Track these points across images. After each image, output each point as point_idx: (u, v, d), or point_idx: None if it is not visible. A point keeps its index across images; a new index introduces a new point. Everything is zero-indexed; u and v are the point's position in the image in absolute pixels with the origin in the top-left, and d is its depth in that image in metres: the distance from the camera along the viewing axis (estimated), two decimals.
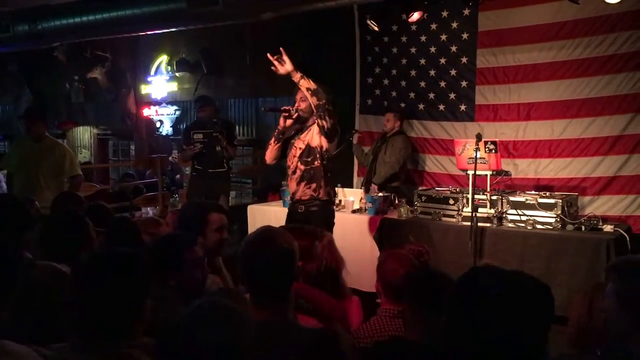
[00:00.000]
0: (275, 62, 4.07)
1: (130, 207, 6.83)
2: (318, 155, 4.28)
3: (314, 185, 4.30)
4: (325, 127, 4.16)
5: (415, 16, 6.41)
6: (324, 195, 4.31)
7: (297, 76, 4.08)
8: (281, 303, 1.93)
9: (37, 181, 5.26)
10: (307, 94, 4.11)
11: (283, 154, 4.47)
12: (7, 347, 1.33)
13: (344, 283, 2.96)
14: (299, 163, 4.34)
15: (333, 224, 4.44)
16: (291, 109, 4.32)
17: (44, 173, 5.31)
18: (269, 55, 4.11)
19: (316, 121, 4.22)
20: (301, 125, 4.42)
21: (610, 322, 1.83)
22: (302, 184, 4.32)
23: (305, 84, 4.08)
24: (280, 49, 4.08)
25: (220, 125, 6.56)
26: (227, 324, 1.43)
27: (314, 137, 4.31)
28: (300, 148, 4.34)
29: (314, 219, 4.17)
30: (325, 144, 4.28)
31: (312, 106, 4.15)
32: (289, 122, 4.35)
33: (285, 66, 4.06)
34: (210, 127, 6.44)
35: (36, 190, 5.10)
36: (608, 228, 4.73)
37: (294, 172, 4.37)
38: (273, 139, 4.44)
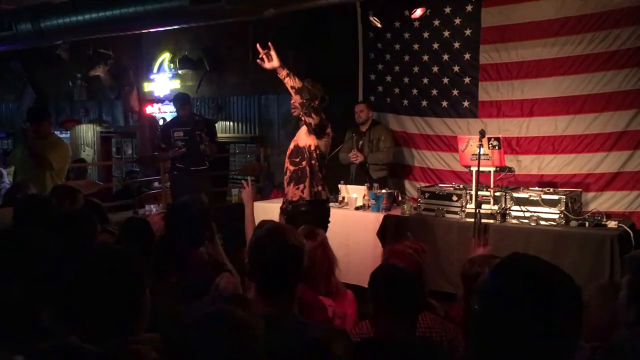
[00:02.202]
0: (264, 57, 4.06)
1: (133, 205, 6.84)
2: (306, 155, 4.26)
3: (301, 186, 4.28)
4: (312, 124, 4.16)
5: (418, 12, 6.41)
6: (308, 195, 4.26)
7: (283, 73, 4.07)
8: (287, 298, 1.94)
9: (42, 176, 5.26)
10: (292, 92, 4.12)
11: None
12: None
13: (337, 281, 2.98)
14: (289, 164, 4.34)
15: (326, 222, 4.40)
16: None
17: (44, 168, 5.31)
18: (258, 46, 4.09)
19: (304, 120, 4.22)
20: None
21: (622, 312, 1.85)
22: (291, 184, 4.32)
23: (289, 82, 4.07)
24: (269, 44, 4.07)
25: (202, 123, 6.58)
26: (235, 336, 1.42)
27: (301, 136, 4.30)
28: (290, 148, 4.34)
29: (300, 220, 4.12)
30: (314, 141, 4.26)
31: (297, 104, 4.16)
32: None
33: (272, 62, 4.05)
34: (191, 125, 6.44)
35: (40, 185, 5.10)
36: (612, 224, 4.72)
37: (285, 173, 4.38)
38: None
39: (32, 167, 5.32)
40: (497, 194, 5.01)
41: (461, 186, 5.50)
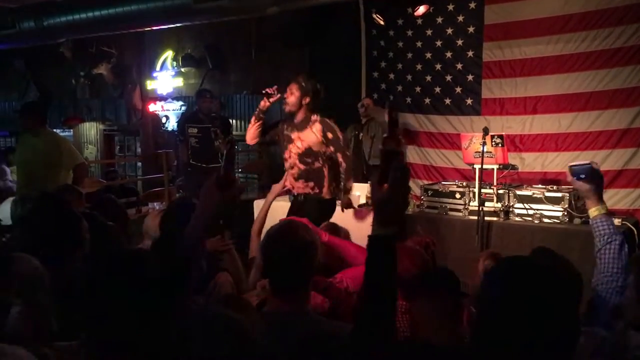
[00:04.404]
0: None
1: (136, 203, 6.86)
2: (320, 158, 4.32)
3: (311, 184, 4.36)
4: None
5: (421, 10, 6.40)
6: (327, 194, 4.38)
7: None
8: (299, 294, 1.94)
9: (37, 174, 5.23)
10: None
11: (263, 133, 4.52)
12: (4, 350, 1.30)
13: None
14: (297, 161, 4.35)
15: (329, 218, 4.39)
16: (273, 91, 4.35)
17: (42, 166, 5.29)
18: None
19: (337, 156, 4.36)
20: (290, 116, 4.41)
21: (629, 311, 1.84)
22: (301, 181, 4.39)
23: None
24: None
25: (218, 119, 6.58)
26: (230, 338, 1.41)
27: (315, 141, 4.30)
28: (298, 147, 4.34)
29: (309, 210, 4.12)
30: (331, 150, 4.32)
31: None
32: (268, 103, 4.43)
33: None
34: (208, 122, 6.44)
35: (36, 184, 5.07)
36: (616, 222, 4.69)
37: (292, 168, 4.40)
38: (254, 118, 4.49)
39: (27, 166, 5.29)
40: (501, 191, 5.00)
41: (464, 184, 5.49)
